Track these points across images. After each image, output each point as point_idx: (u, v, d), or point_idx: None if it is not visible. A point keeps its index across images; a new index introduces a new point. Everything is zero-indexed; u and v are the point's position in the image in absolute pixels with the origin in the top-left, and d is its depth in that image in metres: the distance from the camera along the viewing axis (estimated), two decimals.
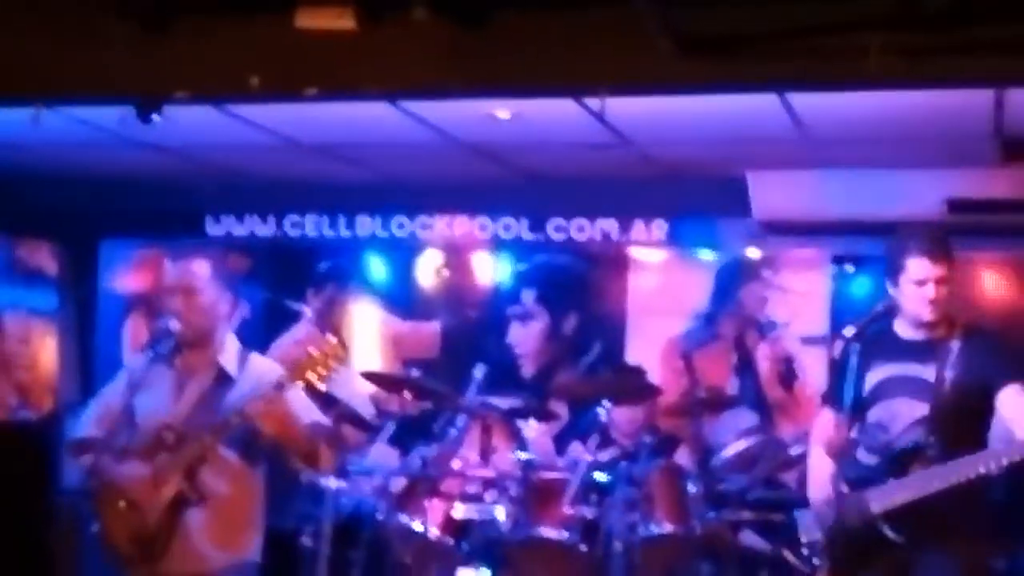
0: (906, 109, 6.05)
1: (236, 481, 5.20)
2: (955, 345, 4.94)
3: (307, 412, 5.26)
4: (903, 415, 4.97)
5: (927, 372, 4.94)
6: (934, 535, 4.84)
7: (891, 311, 5.21)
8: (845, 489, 4.95)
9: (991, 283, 7.63)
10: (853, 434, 5.09)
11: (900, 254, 4.97)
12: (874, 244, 7.72)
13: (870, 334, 5.12)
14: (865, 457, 5.04)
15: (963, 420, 4.89)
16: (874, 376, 5.05)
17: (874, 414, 5.04)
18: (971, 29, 4.29)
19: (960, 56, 4.38)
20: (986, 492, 4.86)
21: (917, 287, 4.93)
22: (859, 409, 5.09)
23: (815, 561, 4.97)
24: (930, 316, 4.95)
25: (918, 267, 4.92)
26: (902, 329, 5.06)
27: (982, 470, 4.73)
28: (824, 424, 5.23)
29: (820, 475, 5.08)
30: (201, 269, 5.25)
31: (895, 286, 5.01)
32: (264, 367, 5.35)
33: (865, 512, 4.91)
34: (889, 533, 4.88)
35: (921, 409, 4.93)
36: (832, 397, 5.19)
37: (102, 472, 5.15)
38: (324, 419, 5.51)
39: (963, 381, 4.89)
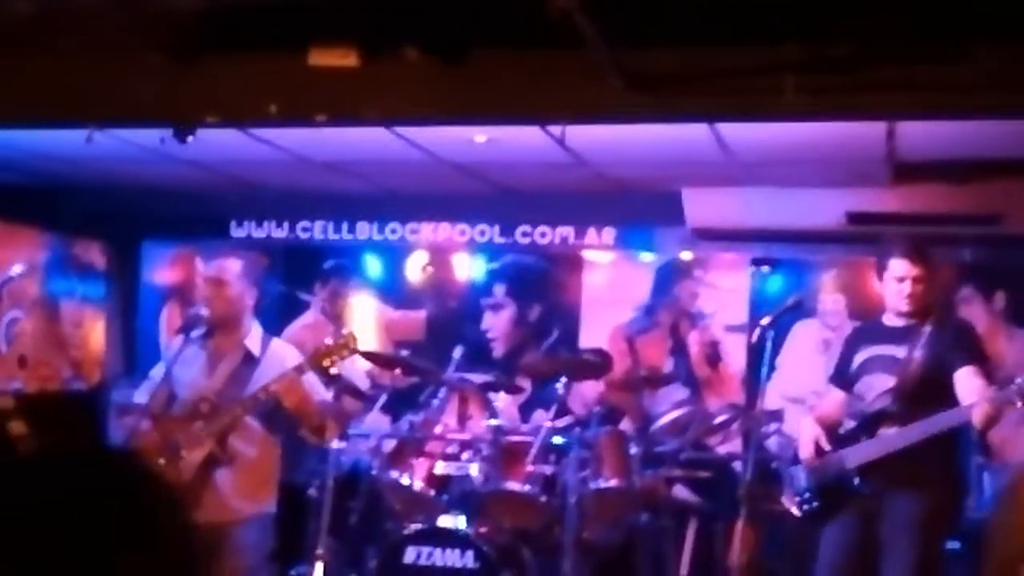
0: (814, 137, 6.06)
1: (259, 446, 5.19)
2: (926, 331, 5.00)
3: (319, 392, 5.26)
4: (876, 386, 5.05)
5: (900, 352, 5.01)
6: (893, 485, 4.96)
7: (799, 305, 5.27)
8: (828, 448, 5.08)
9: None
10: (841, 410, 5.24)
11: (885, 255, 5.04)
12: (787, 249, 7.80)
13: (863, 328, 5.26)
14: (847, 423, 5.12)
15: (924, 391, 4.95)
16: (860, 357, 5.14)
17: (857, 388, 5.13)
18: (867, 71, 4.30)
19: (858, 94, 4.39)
20: (937, 449, 4.93)
21: (897, 283, 4.99)
22: (847, 385, 5.23)
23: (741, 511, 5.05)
24: (906, 307, 5.01)
25: (898, 267, 4.99)
26: (887, 318, 5.14)
27: (931, 431, 4.81)
28: (830, 400, 5.34)
29: (808, 439, 5.18)
30: (233, 266, 5.24)
31: (880, 281, 5.09)
32: (283, 350, 5.34)
33: (842, 467, 4.99)
34: (858, 484, 4.96)
35: (891, 381, 5.00)
36: (837, 378, 5.28)
37: (143, 433, 5.13)
38: (330, 398, 5.50)
39: (928, 360, 4.94)
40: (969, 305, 7.46)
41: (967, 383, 4.87)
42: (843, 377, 5.26)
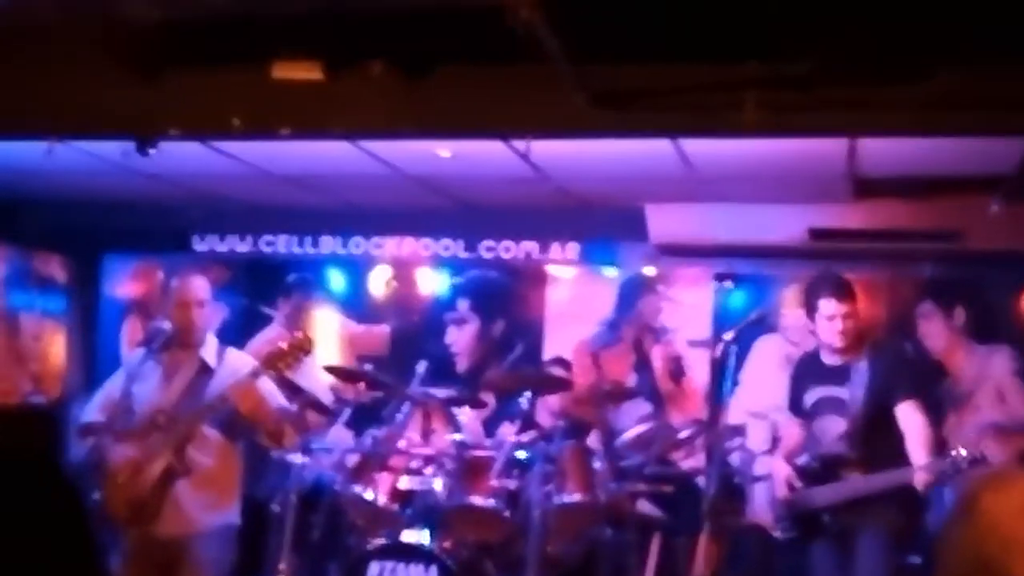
0: (776, 154, 6.12)
1: (218, 455, 5.18)
2: (862, 367, 5.20)
3: (275, 398, 5.26)
4: (830, 430, 5.32)
5: (843, 393, 5.24)
6: (859, 521, 5.28)
7: (763, 320, 5.47)
8: (798, 485, 5.37)
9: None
10: (803, 442, 5.53)
11: (813, 296, 5.27)
12: (749, 264, 7.85)
13: (804, 362, 5.46)
14: (810, 462, 5.31)
15: (874, 430, 5.26)
16: (809, 397, 5.42)
17: (813, 428, 5.36)
18: (828, 89, 4.35)
19: (819, 111, 4.44)
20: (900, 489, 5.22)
21: (828, 321, 5.20)
22: (805, 417, 5.57)
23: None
24: (840, 344, 5.24)
25: (827, 306, 5.19)
26: (825, 356, 5.35)
27: (884, 484, 5.19)
28: (792, 434, 5.67)
29: (780, 479, 5.50)
30: (202, 284, 5.25)
31: (812, 321, 5.29)
32: (239, 360, 5.34)
33: (811, 505, 5.20)
34: (827, 520, 5.16)
35: (843, 424, 5.23)
36: (794, 408, 5.50)
37: (103, 450, 5.11)
38: (289, 405, 5.49)
39: (869, 399, 5.21)
40: (929, 321, 7.53)
41: (909, 419, 5.14)
42: (799, 410, 5.49)
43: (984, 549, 1.96)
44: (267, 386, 5.19)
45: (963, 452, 5.09)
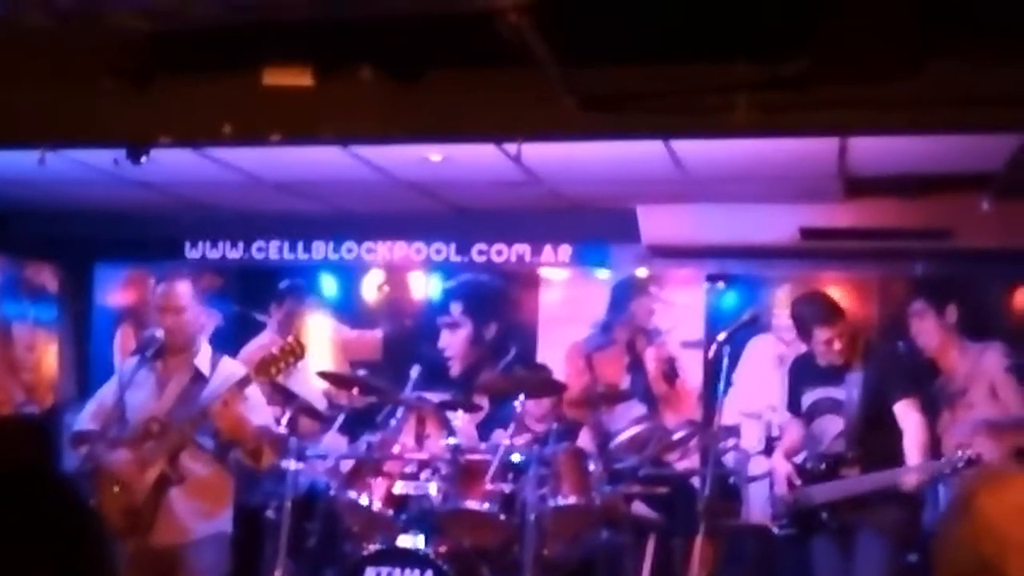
0: (767, 154, 6.12)
1: (211, 463, 5.16)
2: (857, 369, 5.32)
3: (259, 416, 5.22)
4: (829, 430, 5.43)
5: (840, 394, 5.33)
6: (859, 518, 5.37)
7: (756, 320, 5.54)
8: (798, 483, 5.46)
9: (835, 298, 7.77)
10: (802, 441, 5.64)
11: (807, 325, 5.41)
12: (741, 265, 7.86)
13: (800, 364, 5.53)
14: (810, 461, 5.37)
15: (872, 430, 5.37)
16: (807, 398, 5.49)
17: (812, 428, 5.44)
18: (819, 89, 4.34)
19: (811, 111, 4.43)
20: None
21: (825, 345, 5.28)
22: (803, 417, 5.68)
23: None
24: (839, 360, 5.33)
25: (821, 333, 5.29)
26: (820, 359, 5.47)
27: (880, 484, 5.28)
28: (792, 433, 5.77)
29: (780, 475, 5.61)
30: (185, 290, 5.23)
31: (809, 343, 5.40)
32: (232, 368, 5.32)
33: (811, 502, 5.26)
34: (826, 517, 5.23)
35: (841, 424, 5.34)
36: (792, 408, 5.59)
37: (97, 459, 5.09)
38: (271, 424, 5.46)
39: (865, 399, 5.30)
40: (921, 319, 7.54)
41: (906, 418, 5.24)
42: (797, 409, 5.56)
43: (980, 550, 1.94)
44: (252, 401, 5.16)
45: (958, 453, 5.15)
